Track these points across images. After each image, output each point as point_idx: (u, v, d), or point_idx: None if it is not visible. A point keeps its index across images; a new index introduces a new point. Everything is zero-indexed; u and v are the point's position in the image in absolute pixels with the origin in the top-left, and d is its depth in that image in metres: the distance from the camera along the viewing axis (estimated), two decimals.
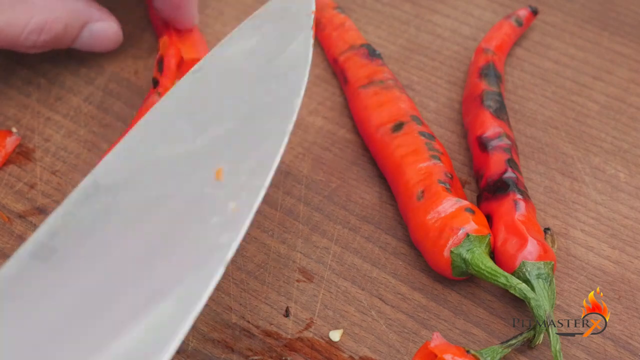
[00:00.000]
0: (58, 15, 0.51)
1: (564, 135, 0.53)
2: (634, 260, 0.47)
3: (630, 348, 0.43)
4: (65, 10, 0.52)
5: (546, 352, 0.43)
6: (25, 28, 0.50)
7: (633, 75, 0.57)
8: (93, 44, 0.55)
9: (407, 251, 0.47)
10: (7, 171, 0.51)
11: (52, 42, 0.52)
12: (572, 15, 0.61)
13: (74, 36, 0.53)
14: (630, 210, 0.49)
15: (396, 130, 0.49)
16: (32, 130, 0.54)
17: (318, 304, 0.45)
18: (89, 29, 0.54)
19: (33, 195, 0.50)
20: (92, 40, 0.54)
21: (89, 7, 0.53)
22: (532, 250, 0.43)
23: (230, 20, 0.61)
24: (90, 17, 0.53)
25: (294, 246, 0.48)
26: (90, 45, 0.55)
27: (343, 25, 0.57)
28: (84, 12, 0.53)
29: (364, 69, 0.54)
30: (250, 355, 0.43)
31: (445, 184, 0.46)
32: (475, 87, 0.53)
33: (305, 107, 0.55)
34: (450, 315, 0.45)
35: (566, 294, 0.45)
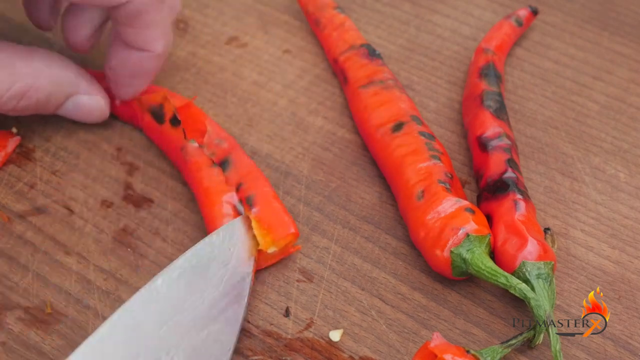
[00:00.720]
0: (42, 84, 0.49)
1: (564, 135, 0.53)
2: (634, 260, 0.47)
3: (630, 348, 0.43)
4: (50, 80, 0.49)
5: (546, 352, 0.43)
6: (5, 93, 0.47)
7: (633, 75, 0.57)
8: (77, 116, 0.52)
9: (407, 251, 0.47)
10: (7, 171, 0.51)
11: (33, 108, 0.50)
12: (572, 15, 0.61)
13: (57, 105, 0.51)
14: (630, 210, 0.49)
15: (396, 130, 0.49)
16: (32, 130, 0.54)
17: (318, 304, 0.45)
18: (74, 101, 0.51)
19: (33, 195, 0.50)
20: (76, 112, 0.52)
21: (76, 78, 0.51)
22: (532, 250, 0.43)
23: (230, 20, 0.61)
24: (76, 89, 0.51)
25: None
26: (73, 116, 0.52)
27: (343, 25, 0.57)
28: (70, 84, 0.51)
29: (364, 69, 0.54)
30: (250, 355, 0.43)
31: (445, 184, 0.46)
32: (475, 87, 0.53)
33: (305, 107, 0.55)
34: (450, 315, 0.45)
35: (566, 294, 0.45)
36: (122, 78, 0.52)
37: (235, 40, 0.60)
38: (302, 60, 0.58)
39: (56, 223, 0.49)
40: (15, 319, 0.44)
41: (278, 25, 0.61)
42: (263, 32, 0.60)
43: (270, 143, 0.53)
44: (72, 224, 0.49)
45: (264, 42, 0.60)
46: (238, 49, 0.59)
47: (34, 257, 0.47)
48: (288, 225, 0.46)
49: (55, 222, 0.49)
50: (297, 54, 0.59)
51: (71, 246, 0.47)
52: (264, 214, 0.46)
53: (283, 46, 0.59)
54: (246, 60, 0.58)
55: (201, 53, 0.59)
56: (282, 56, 0.59)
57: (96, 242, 0.48)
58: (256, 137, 0.53)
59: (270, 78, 0.57)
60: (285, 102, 0.55)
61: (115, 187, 0.50)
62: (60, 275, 0.46)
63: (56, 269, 0.46)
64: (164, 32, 0.50)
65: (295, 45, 0.59)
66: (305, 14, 0.60)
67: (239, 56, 0.59)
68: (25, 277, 0.46)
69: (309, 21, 0.59)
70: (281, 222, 0.46)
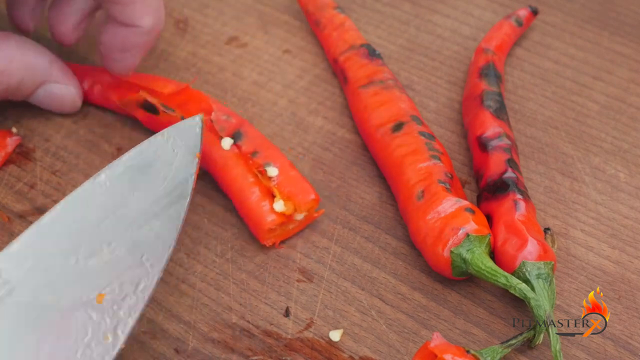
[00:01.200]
0: (14, 69, 0.49)
1: (564, 135, 0.53)
2: (634, 260, 0.47)
3: (630, 348, 0.43)
4: (23, 65, 0.50)
5: (546, 352, 0.43)
6: None
7: (633, 75, 0.57)
8: (48, 104, 0.53)
9: (407, 251, 0.47)
10: (7, 171, 0.51)
11: (4, 93, 0.50)
12: (572, 15, 0.61)
13: (29, 92, 0.51)
14: (630, 210, 0.49)
15: (396, 130, 0.49)
16: (32, 130, 0.54)
17: (318, 304, 0.45)
18: (46, 89, 0.52)
19: (33, 195, 0.50)
20: (47, 100, 0.52)
21: (50, 66, 0.51)
22: (532, 250, 0.43)
23: (230, 20, 0.61)
24: (48, 77, 0.51)
25: (294, 246, 0.48)
26: (45, 104, 0.53)
27: (343, 25, 0.57)
28: (43, 71, 0.51)
29: (364, 69, 0.54)
30: (250, 355, 0.43)
31: (445, 184, 0.46)
32: (475, 87, 0.53)
33: (305, 107, 0.55)
34: (450, 315, 0.45)
35: (566, 294, 0.45)
36: (112, 53, 0.52)
37: (235, 40, 0.60)
38: (302, 60, 0.58)
39: None
40: None
41: (278, 25, 0.61)
42: (263, 32, 0.60)
43: None
44: None
45: (264, 42, 0.60)
46: (238, 49, 0.59)
47: None
48: (309, 191, 0.47)
49: None
50: (297, 54, 0.59)
51: None
52: (283, 181, 0.47)
53: (283, 46, 0.59)
54: (246, 60, 0.58)
55: (201, 53, 0.59)
56: (282, 56, 0.59)
57: None
58: None
59: (270, 78, 0.57)
60: (285, 102, 0.55)
61: None
62: None
63: None
64: (152, 8, 0.50)
65: (295, 45, 0.59)
66: (305, 14, 0.60)
67: (239, 56, 0.59)
68: None
69: (309, 21, 0.59)
70: (302, 189, 0.47)
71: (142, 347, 0.43)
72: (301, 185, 0.47)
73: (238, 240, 0.48)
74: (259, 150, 0.48)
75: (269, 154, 0.48)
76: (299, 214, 0.47)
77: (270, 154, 0.48)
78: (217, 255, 0.47)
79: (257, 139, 0.49)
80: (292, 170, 0.48)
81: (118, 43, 0.51)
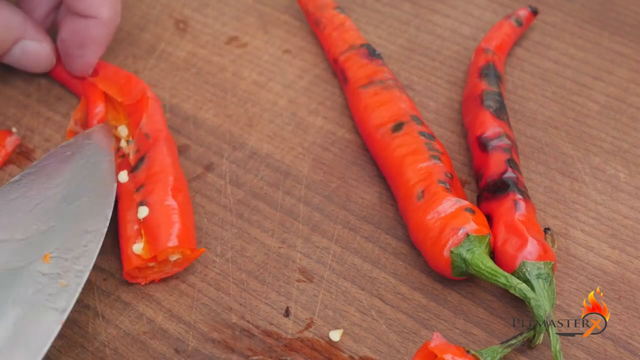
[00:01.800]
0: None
1: (564, 135, 0.53)
2: (634, 260, 0.47)
3: (630, 348, 0.43)
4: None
5: (546, 352, 0.43)
6: None
7: (633, 75, 0.57)
8: (24, 63, 0.53)
9: (407, 251, 0.47)
10: (7, 171, 0.51)
11: None
12: (572, 15, 0.61)
13: (4, 50, 0.52)
14: (630, 210, 0.49)
15: (396, 130, 0.49)
16: (32, 130, 0.54)
17: (318, 304, 0.45)
18: (21, 46, 0.52)
19: None
20: (23, 58, 0.53)
21: (24, 23, 0.52)
22: (532, 250, 0.43)
23: (230, 20, 0.61)
24: (23, 34, 0.52)
25: (294, 246, 0.48)
26: (20, 63, 0.53)
27: (343, 25, 0.57)
28: (17, 27, 0.51)
29: (364, 69, 0.54)
30: (250, 355, 0.43)
31: (445, 184, 0.46)
32: (475, 87, 0.53)
33: (305, 107, 0.55)
34: (450, 315, 0.45)
35: (566, 294, 0.45)
36: (72, 49, 0.52)
37: (235, 40, 0.60)
38: (302, 60, 0.58)
39: None
40: None
41: (278, 25, 0.61)
42: (263, 32, 0.60)
43: (270, 143, 0.53)
44: None
45: (264, 42, 0.60)
46: (238, 49, 0.59)
47: None
48: (169, 238, 0.44)
49: None
50: (297, 54, 0.59)
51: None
52: (151, 222, 0.45)
53: (283, 46, 0.59)
54: (246, 60, 0.58)
55: (201, 53, 0.59)
56: (282, 56, 0.59)
57: None
58: (256, 137, 0.53)
59: (270, 78, 0.57)
60: (285, 102, 0.55)
61: None
62: None
63: None
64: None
65: (295, 45, 0.59)
66: (305, 14, 0.60)
67: (239, 56, 0.59)
68: None
69: (309, 21, 0.59)
70: (165, 234, 0.44)
71: (142, 347, 0.43)
72: (167, 230, 0.44)
73: (238, 240, 0.48)
74: (146, 184, 0.46)
75: (154, 189, 0.46)
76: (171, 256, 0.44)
77: (155, 188, 0.46)
78: (217, 255, 0.47)
79: (154, 168, 0.47)
80: (170, 211, 0.45)
81: (77, 37, 0.51)
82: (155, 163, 0.47)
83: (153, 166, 0.47)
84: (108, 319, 0.44)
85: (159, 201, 0.45)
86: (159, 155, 0.47)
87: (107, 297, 0.45)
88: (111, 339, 0.44)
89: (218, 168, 0.51)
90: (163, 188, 0.46)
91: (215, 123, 0.54)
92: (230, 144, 0.53)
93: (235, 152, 0.52)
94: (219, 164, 0.52)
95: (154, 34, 0.60)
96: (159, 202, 0.45)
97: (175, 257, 0.45)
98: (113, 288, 0.46)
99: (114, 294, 0.45)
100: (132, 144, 0.48)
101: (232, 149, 0.53)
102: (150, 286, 0.46)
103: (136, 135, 0.48)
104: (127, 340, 0.44)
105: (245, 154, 0.52)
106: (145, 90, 0.51)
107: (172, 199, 0.46)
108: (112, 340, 0.43)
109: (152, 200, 0.45)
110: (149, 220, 0.45)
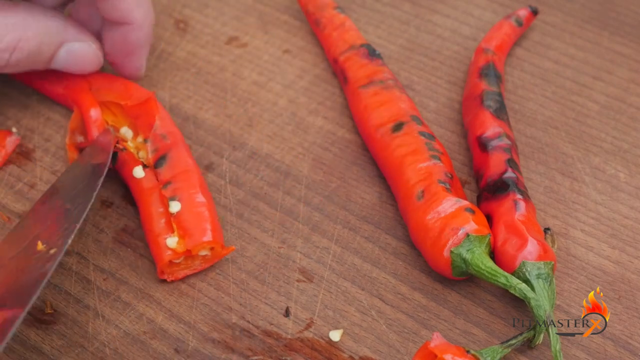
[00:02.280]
0: (32, 33, 0.49)
1: (564, 135, 0.53)
2: (634, 260, 0.47)
3: (630, 348, 0.43)
4: (38, 29, 0.50)
5: (546, 352, 0.43)
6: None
7: (633, 75, 0.57)
8: (72, 65, 0.52)
9: (407, 251, 0.47)
10: (7, 171, 0.51)
11: (26, 61, 0.50)
12: (572, 15, 0.61)
13: (50, 55, 0.51)
14: (630, 210, 0.49)
15: (396, 130, 0.49)
16: (32, 130, 0.54)
17: (318, 304, 0.45)
18: (66, 49, 0.52)
19: (33, 195, 0.50)
20: (70, 61, 0.52)
21: (65, 26, 0.51)
22: (532, 250, 0.43)
23: (230, 20, 0.61)
24: (66, 37, 0.51)
25: (294, 246, 0.48)
26: (68, 65, 0.52)
27: (343, 25, 0.57)
28: (59, 31, 0.51)
29: (364, 69, 0.54)
30: (250, 355, 0.43)
31: (445, 184, 0.46)
32: (475, 87, 0.53)
33: (305, 107, 0.55)
34: (450, 315, 0.44)
35: (566, 294, 0.45)
36: (118, 59, 0.53)
37: (235, 40, 0.60)
38: (302, 60, 0.58)
39: None
40: None
41: (278, 25, 0.61)
42: (263, 32, 0.60)
43: (270, 143, 0.53)
44: None
45: (264, 42, 0.60)
46: (238, 49, 0.59)
47: None
48: (205, 232, 0.45)
49: None
50: (297, 54, 0.59)
51: (71, 246, 0.47)
52: (186, 218, 0.46)
53: (283, 46, 0.59)
54: (246, 60, 0.58)
55: (201, 53, 0.59)
56: (282, 56, 0.59)
57: (96, 242, 0.48)
58: (256, 137, 0.53)
59: (270, 78, 0.57)
60: (285, 102, 0.55)
61: (115, 187, 0.50)
62: (60, 275, 0.46)
63: (56, 269, 0.46)
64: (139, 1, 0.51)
65: (295, 45, 0.59)
66: (305, 14, 0.60)
67: (239, 56, 0.59)
68: None
69: (309, 21, 0.59)
70: (199, 229, 0.45)
71: (142, 347, 0.43)
72: (201, 225, 0.45)
73: (238, 240, 0.48)
74: (174, 182, 0.47)
75: (182, 186, 0.47)
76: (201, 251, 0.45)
77: (184, 186, 0.47)
78: None
79: (178, 167, 0.48)
80: (200, 207, 0.46)
81: (119, 47, 0.52)
82: (180, 162, 0.48)
83: (177, 165, 0.48)
84: (108, 319, 0.44)
85: (190, 197, 0.47)
86: (181, 156, 0.49)
87: (107, 297, 0.45)
88: (111, 339, 0.44)
89: (218, 168, 0.51)
90: (192, 185, 0.47)
91: (215, 123, 0.54)
92: (230, 144, 0.53)
93: (235, 152, 0.52)
94: (219, 164, 0.52)
95: (154, 34, 0.60)
96: (190, 198, 0.47)
97: (205, 252, 0.45)
98: (113, 288, 0.46)
99: (114, 294, 0.45)
100: (149, 144, 0.49)
101: (232, 149, 0.53)
102: (151, 286, 0.46)
103: (151, 136, 0.49)
104: (127, 340, 0.44)
105: (245, 154, 0.52)
106: (151, 93, 0.51)
107: (202, 196, 0.47)
108: (112, 340, 0.43)
109: (184, 196, 0.47)
110: (182, 215, 0.46)
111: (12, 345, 0.43)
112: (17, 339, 0.44)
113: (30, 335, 0.44)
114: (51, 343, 0.43)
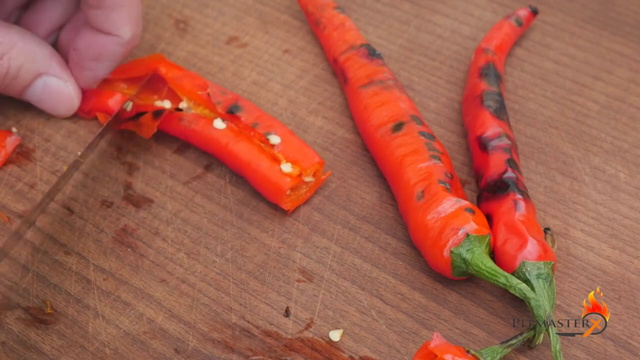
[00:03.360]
0: (15, 54, 0.49)
1: (564, 135, 0.53)
2: (634, 260, 0.47)
3: (630, 348, 0.43)
4: (24, 52, 0.50)
5: (546, 352, 0.43)
6: None
7: (633, 75, 0.57)
8: (45, 100, 0.52)
9: (407, 251, 0.47)
10: (7, 171, 0.51)
11: (2, 79, 0.50)
12: (572, 15, 0.61)
13: (26, 83, 0.51)
14: (630, 210, 0.49)
15: (396, 130, 0.49)
16: (32, 130, 0.54)
17: (318, 304, 0.45)
18: (44, 81, 0.51)
19: (33, 195, 0.50)
20: (44, 95, 0.52)
21: (50, 58, 0.51)
22: (532, 250, 0.43)
23: (230, 20, 0.61)
24: (47, 69, 0.51)
25: (294, 246, 0.48)
26: (42, 100, 0.52)
27: (343, 25, 0.57)
28: (42, 61, 0.51)
29: (364, 69, 0.54)
30: (250, 355, 0.43)
31: (445, 184, 0.46)
32: (475, 87, 0.53)
33: (305, 107, 0.55)
34: (450, 315, 0.45)
35: (566, 294, 0.45)
36: (85, 61, 0.52)
37: (235, 40, 0.60)
38: (302, 60, 0.58)
39: (56, 223, 0.49)
40: (15, 319, 0.44)
41: (278, 25, 0.61)
42: (263, 32, 0.60)
43: None
44: (72, 223, 0.49)
45: (264, 42, 0.60)
46: (238, 49, 0.59)
47: (34, 257, 0.47)
48: (312, 155, 0.49)
49: (55, 222, 0.49)
50: (297, 54, 0.59)
51: (71, 246, 0.47)
52: (286, 148, 0.49)
53: (283, 46, 0.59)
54: (246, 60, 0.58)
55: (201, 53, 0.59)
56: (282, 56, 0.59)
57: (96, 242, 0.48)
58: None
59: (270, 78, 0.57)
60: (285, 102, 0.55)
61: (115, 187, 0.50)
62: (60, 275, 0.46)
63: (56, 269, 0.46)
64: (132, 19, 0.50)
65: (295, 45, 0.59)
66: (305, 14, 0.60)
67: (239, 56, 0.59)
68: (25, 277, 0.46)
69: (309, 21, 0.59)
70: (305, 154, 0.49)
71: (142, 347, 0.43)
72: (304, 150, 0.49)
73: (238, 240, 0.48)
74: (259, 122, 0.50)
75: (269, 124, 0.50)
76: (307, 177, 0.48)
77: (270, 123, 0.50)
78: (217, 255, 0.47)
79: (254, 111, 0.51)
80: (293, 137, 0.49)
81: (93, 51, 0.51)
82: (253, 109, 0.51)
83: (254, 109, 0.51)
84: (108, 319, 0.44)
85: (285, 131, 0.50)
86: (249, 105, 0.51)
87: (107, 297, 0.45)
88: (111, 339, 0.44)
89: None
90: (277, 122, 0.50)
91: None
92: None
93: None
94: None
95: (154, 34, 0.60)
96: (285, 131, 0.50)
97: (309, 179, 0.49)
98: (113, 288, 0.46)
99: (114, 294, 0.45)
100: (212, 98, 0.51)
101: None
102: (151, 286, 0.46)
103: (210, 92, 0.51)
104: (127, 340, 0.44)
105: None
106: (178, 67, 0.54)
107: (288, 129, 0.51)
108: (112, 340, 0.43)
109: (279, 131, 0.50)
110: (285, 144, 0.49)
111: (12, 345, 0.43)
112: (17, 339, 0.44)
113: (30, 335, 0.44)
114: (51, 343, 0.43)
